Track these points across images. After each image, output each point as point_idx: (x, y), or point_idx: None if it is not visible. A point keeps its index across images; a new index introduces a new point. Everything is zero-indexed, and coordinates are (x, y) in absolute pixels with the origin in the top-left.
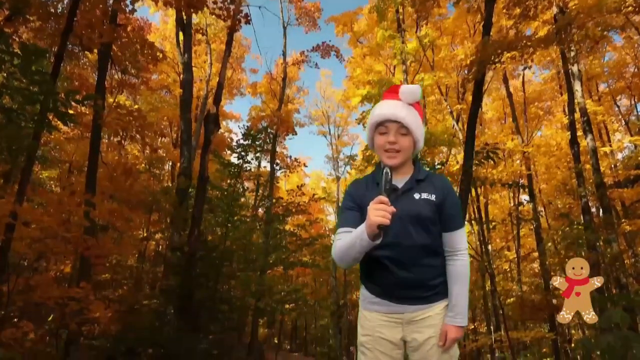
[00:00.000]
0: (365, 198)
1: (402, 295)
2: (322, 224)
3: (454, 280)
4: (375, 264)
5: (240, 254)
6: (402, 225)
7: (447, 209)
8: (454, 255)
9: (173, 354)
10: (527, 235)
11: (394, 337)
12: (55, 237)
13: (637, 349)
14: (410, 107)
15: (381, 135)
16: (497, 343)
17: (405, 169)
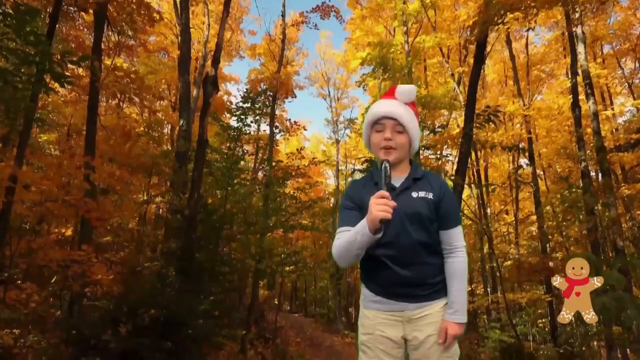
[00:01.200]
0: (364, 198)
1: (402, 293)
2: (322, 187)
3: (452, 277)
4: (375, 263)
5: (240, 216)
6: (400, 224)
7: (445, 207)
8: (452, 253)
9: (175, 314)
10: (525, 198)
11: (395, 335)
12: (55, 200)
13: (631, 309)
14: (407, 106)
15: (377, 132)
16: (493, 304)
17: (402, 168)
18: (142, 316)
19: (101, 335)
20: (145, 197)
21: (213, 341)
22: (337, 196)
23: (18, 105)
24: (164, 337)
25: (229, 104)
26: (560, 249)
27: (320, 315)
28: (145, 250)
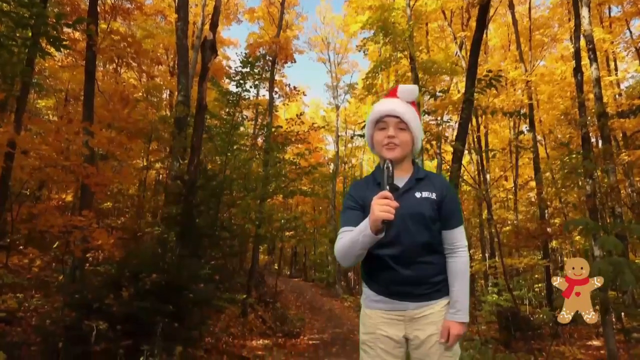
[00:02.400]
0: (367, 198)
1: (403, 292)
2: (322, 153)
3: (454, 277)
4: (377, 263)
5: (239, 182)
6: (403, 224)
7: (447, 207)
8: (454, 253)
9: (175, 278)
10: (525, 164)
11: (396, 334)
12: (55, 166)
13: (627, 274)
14: (409, 105)
15: (380, 130)
16: (491, 269)
17: (405, 168)
18: (144, 280)
19: (104, 299)
20: (144, 163)
21: (214, 305)
22: (337, 162)
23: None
24: (165, 300)
25: (227, 69)
26: (558, 215)
27: (319, 279)
28: (146, 215)
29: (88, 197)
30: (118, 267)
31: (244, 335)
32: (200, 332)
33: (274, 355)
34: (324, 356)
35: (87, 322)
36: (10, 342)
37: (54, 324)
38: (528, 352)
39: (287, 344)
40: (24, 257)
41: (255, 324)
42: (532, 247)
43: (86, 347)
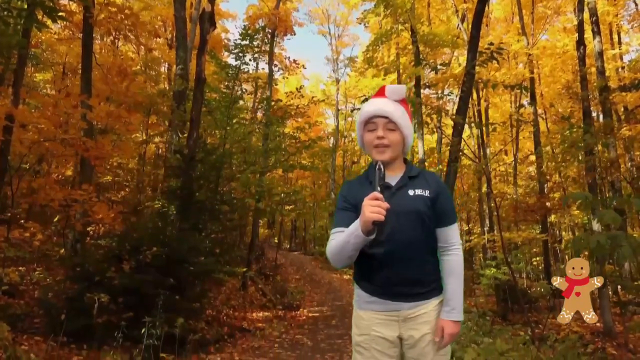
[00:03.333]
0: (359, 197)
1: (397, 292)
2: (321, 127)
3: (448, 275)
4: (370, 262)
5: (239, 156)
6: (397, 222)
7: (441, 205)
8: (448, 250)
9: (176, 252)
10: (525, 138)
11: (391, 335)
12: (53, 140)
13: (625, 247)
14: (397, 103)
15: (370, 132)
16: (489, 243)
17: (396, 166)
18: (145, 254)
19: (105, 273)
20: (144, 137)
21: (214, 278)
22: (336, 136)
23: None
24: (166, 273)
25: (226, 42)
26: (558, 189)
27: (319, 253)
28: (146, 189)
29: (88, 171)
30: (119, 241)
31: (244, 308)
32: (201, 305)
33: (274, 327)
34: (324, 328)
35: (89, 295)
36: (14, 314)
37: (56, 296)
38: (525, 324)
39: (287, 316)
40: (25, 231)
41: (255, 297)
42: (531, 221)
43: (88, 320)
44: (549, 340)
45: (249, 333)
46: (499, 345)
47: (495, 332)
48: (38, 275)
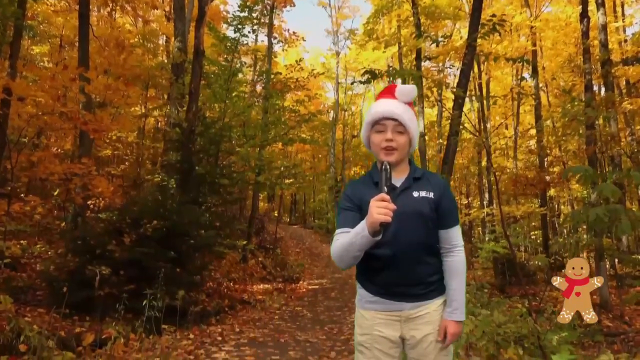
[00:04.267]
0: (364, 198)
1: (400, 292)
2: (321, 101)
3: (451, 276)
4: (372, 263)
5: (238, 129)
6: (401, 224)
7: (445, 206)
8: (451, 252)
9: (176, 225)
10: (526, 112)
11: (393, 335)
12: (52, 113)
13: (623, 221)
14: (406, 105)
15: (378, 133)
16: (488, 217)
17: (401, 168)
18: (145, 227)
19: (106, 246)
20: (142, 110)
21: (215, 251)
22: (336, 109)
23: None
24: (166, 246)
25: (225, 14)
26: (557, 163)
27: (319, 226)
28: (145, 163)
29: (87, 145)
30: (119, 214)
31: (244, 280)
32: (201, 277)
33: (274, 299)
34: (323, 300)
35: (91, 268)
36: (16, 286)
37: (58, 269)
38: (522, 296)
39: (286, 289)
40: (25, 204)
41: (255, 270)
42: (530, 195)
43: (90, 292)
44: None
45: (249, 305)
46: (496, 317)
47: (493, 304)
48: (39, 248)
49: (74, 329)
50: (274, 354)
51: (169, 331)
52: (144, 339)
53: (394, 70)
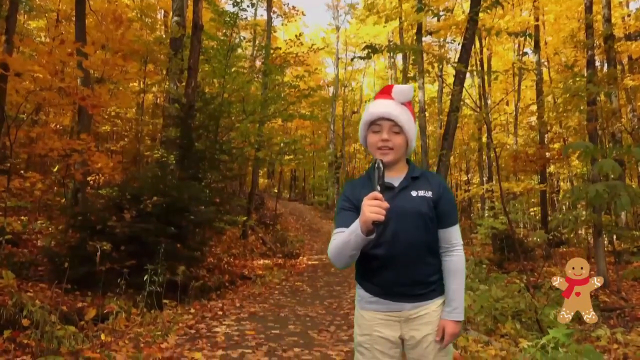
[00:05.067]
0: (361, 198)
1: (399, 292)
2: (321, 76)
3: (451, 275)
4: (371, 263)
5: (238, 105)
6: (400, 223)
7: (444, 206)
8: (451, 251)
9: (176, 201)
10: (528, 87)
11: (392, 335)
12: (50, 89)
13: (623, 197)
14: (403, 106)
15: (374, 133)
16: (488, 193)
17: (399, 167)
18: (145, 203)
19: (106, 221)
20: (141, 86)
21: (215, 226)
22: (336, 85)
23: None
24: (167, 222)
25: None
26: (558, 139)
27: (318, 202)
28: (145, 139)
29: (86, 121)
30: (119, 190)
31: (244, 256)
32: (202, 253)
33: (274, 274)
34: (323, 276)
35: (92, 243)
36: (18, 262)
37: (59, 245)
38: (520, 272)
39: (286, 264)
40: (25, 180)
41: (255, 245)
42: (529, 172)
43: (91, 267)
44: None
45: (249, 280)
46: (494, 293)
47: (491, 279)
48: (40, 224)
49: (76, 304)
50: (274, 328)
51: (170, 306)
52: (146, 313)
53: (394, 45)
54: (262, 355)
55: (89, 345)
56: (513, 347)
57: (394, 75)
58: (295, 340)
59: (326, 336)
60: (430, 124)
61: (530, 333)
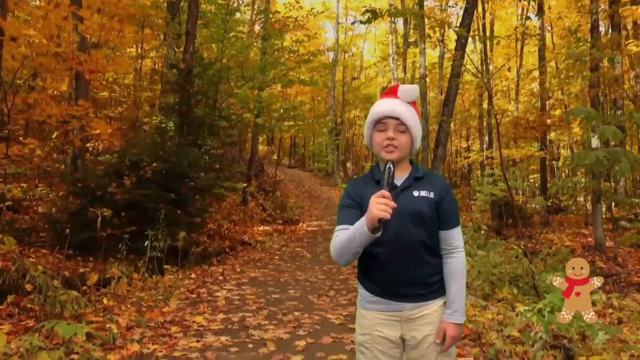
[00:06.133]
0: (365, 195)
1: (400, 293)
2: (321, 41)
3: (451, 277)
4: (373, 262)
5: (237, 71)
6: (401, 223)
7: (445, 207)
8: (452, 253)
9: (176, 167)
10: (530, 53)
11: (393, 335)
12: (46, 54)
13: (623, 163)
14: (409, 105)
15: (380, 132)
16: (488, 160)
17: (402, 167)
18: (145, 169)
19: (106, 188)
20: (138, 51)
21: (215, 193)
22: (336, 50)
23: None
24: (167, 188)
25: None
26: (559, 106)
27: (318, 169)
28: (143, 105)
29: (83, 87)
30: (118, 157)
31: (244, 222)
32: (202, 219)
33: (274, 240)
34: (322, 241)
35: (92, 210)
36: (19, 228)
37: (59, 211)
38: (518, 238)
39: (286, 230)
40: (23, 147)
41: (255, 212)
42: (530, 139)
43: (92, 233)
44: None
45: (249, 246)
46: (492, 258)
47: (489, 245)
48: (40, 191)
49: (78, 269)
50: (274, 293)
51: (171, 271)
52: (147, 278)
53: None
54: (263, 319)
55: (92, 310)
56: (510, 311)
57: (395, 40)
58: (295, 305)
59: (325, 300)
60: (430, 90)
61: (527, 298)
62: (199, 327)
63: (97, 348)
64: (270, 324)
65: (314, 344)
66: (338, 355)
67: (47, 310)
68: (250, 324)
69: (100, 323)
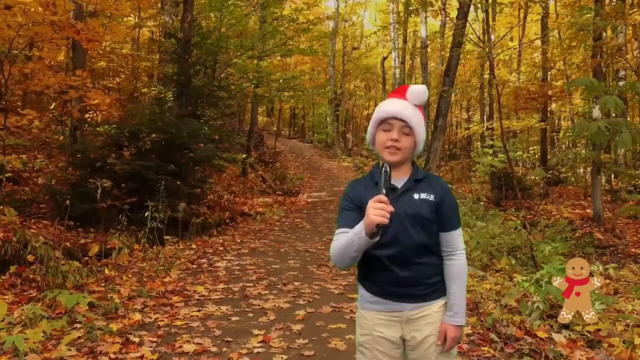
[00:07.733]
0: (364, 198)
1: (400, 293)
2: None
3: (452, 279)
4: (373, 263)
5: (236, 40)
6: (401, 225)
7: (446, 210)
8: (452, 255)
9: (175, 138)
10: (533, 21)
11: (393, 336)
12: (42, 23)
13: (625, 134)
14: (416, 108)
15: (384, 132)
16: (488, 131)
17: (403, 169)
18: (144, 140)
19: (106, 159)
20: (136, 20)
21: (214, 164)
22: (337, 19)
23: None
24: (166, 159)
25: None
26: (561, 77)
27: (318, 140)
28: (141, 75)
29: (80, 57)
30: (117, 127)
31: (244, 193)
32: (202, 190)
33: (274, 211)
34: (322, 212)
35: (92, 181)
36: (19, 199)
37: (59, 182)
38: (517, 209)
39: (286, 202)
40: (21, 118)
41: (255, 183)
42: (531, 110)
43: (93, 204)
44: (539, 225)
45: (249, 217)
46: (491, 229)
47: (489, 217)
48: (40, 162)
49: (79, 240)
50: (274, 263)
51: (172, 242)
52: (148, 249)
53: None
54: (263, 289)
55: (93, 280)
56: (508, 281)
57: (396, 8)
58: (295, 275)
59: (325, 271)
60: (431, 60)
61: (524, 268)
62: (200, 296)
63: (100, 317)
64: (271, 293)
65: (314, 313)
66: (337, 324)
67: (49, 280)
68: (250, 293)
69: (102, 293)
